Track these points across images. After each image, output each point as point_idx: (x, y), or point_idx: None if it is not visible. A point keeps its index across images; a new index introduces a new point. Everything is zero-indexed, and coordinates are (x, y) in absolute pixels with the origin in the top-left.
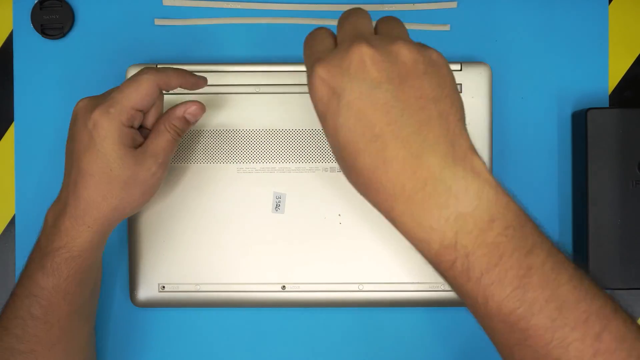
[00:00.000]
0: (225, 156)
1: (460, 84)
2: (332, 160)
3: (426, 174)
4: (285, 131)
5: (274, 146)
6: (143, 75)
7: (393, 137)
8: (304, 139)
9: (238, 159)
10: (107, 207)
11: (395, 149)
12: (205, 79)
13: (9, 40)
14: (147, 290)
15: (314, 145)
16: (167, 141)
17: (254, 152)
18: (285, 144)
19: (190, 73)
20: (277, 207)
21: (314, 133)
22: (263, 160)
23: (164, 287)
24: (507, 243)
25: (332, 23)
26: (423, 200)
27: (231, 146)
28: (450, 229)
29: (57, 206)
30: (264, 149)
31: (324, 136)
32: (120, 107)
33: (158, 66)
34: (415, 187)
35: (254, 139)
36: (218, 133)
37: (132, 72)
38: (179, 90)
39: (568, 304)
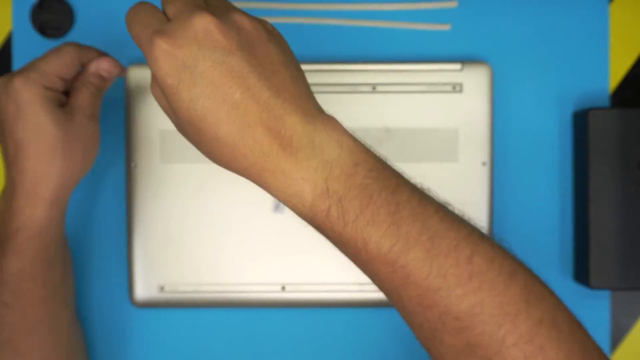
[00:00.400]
0: None
1: (461, 84)
2: None
3: (291, 131)
4: None
5: None
6: (66, 46)
7: (254, 101)
8: None
9: None
10: (53, 172)
11: (258, 112)
12: (124, 69)
13: (9, 40)
14: (146, 291)
15: None
16: (87, 96)
17: None
18: None
19: (110, 57)
20: (277, 207)
21: None
22: None
23: (163, 287)
24: (373, 184)
25: (332, 22)
26: (291, 155)
27: None
28: (320, 177)
29: (5, 190)
30: None
31: None
32: (40, 72)
33: None
34: (282, 145)
35: None
36: None
37: (132, 71)
38: None
39: (438, 233)
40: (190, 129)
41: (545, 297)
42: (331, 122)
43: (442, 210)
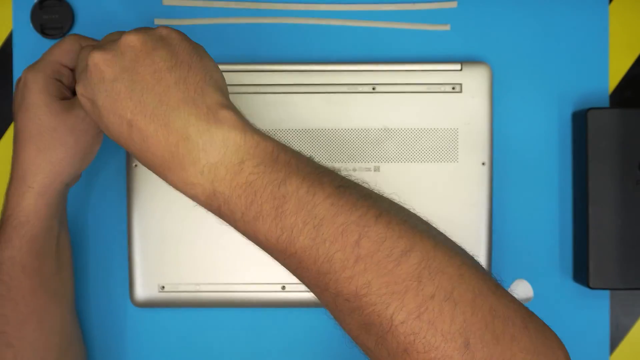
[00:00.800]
0: None
1: (460, 84)
2: (331, 161)
3: (176, 138)
4: (285, 131)
5: None
6: (66, 36)
7: (142, 116)
8: (303, 139)
9: None
10: (44, 161)
11: (146, 125)
12: None
13: (9, 40)
14: (146, 291)
15: (313, 146)
16: None
17: None
18: (285, 144)
19: None
20: None
21: (313, 133)
22: None
23: (163, 287)
24: (259, 180)
25: (332, 23)
26: (180, 161)
27: None
28: (206, 181)
29: (9, 179)
30: None
31: (324, 136)
32: (44, 61)
33: None
34: (171, 152)
35: None
36: None
37: None
38: None
39: (325, 220)
40: (128, 151)
41: (445, 269)
42: (220, 118)
43: (335, 195)
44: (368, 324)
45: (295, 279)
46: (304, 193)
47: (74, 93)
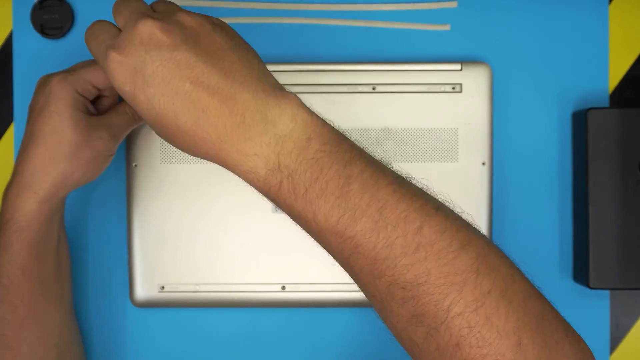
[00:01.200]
0: None
1: (460, 84)
2: None
3: (243, 109)
4: None
5: None
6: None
7: (204, 87)
8: None
9: None
10: (55, 171)
11: (208, 96)
12: None
13: (9, 40)
14: (146, 291)
15: None
16: (124, 120)
17: None
18: None
19: None
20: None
21: None
22: None
23: (163, 287)
24: (325, 157)
25: (332, 23)
26: (245, 132)
27: None
28: (272, 152)
29: (9, 180)
30: None
31: None
32: (78, 76)
33: None
34: (235, 123)
35: None
36: None
37: None
38: None
39: (388, 205)
40: (156, 127)
41: (499, 268)
42: (287, 97)
43: (396, 183)
44: (421, 314)
45: (295, 279)
46: (368, 176)
47: (95, 112)
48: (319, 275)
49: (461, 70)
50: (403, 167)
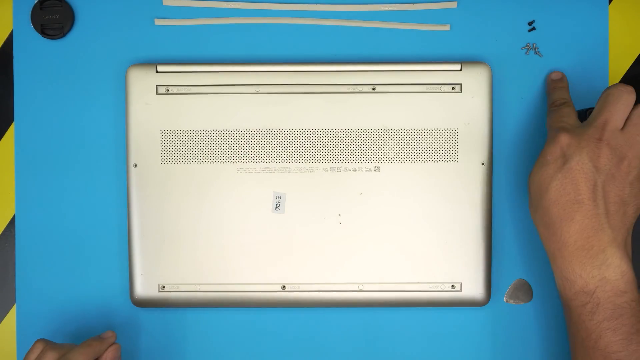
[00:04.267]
0: (225, 156)
1: (460, 84)
2: (331, 161)
3: (596, 244)
4: (285, 131)
5: (274, 146)
6: (91, 342)
7: (586, 209)
8: (303, 139)
9: (238, 159)
10: None
11: (585, 217)
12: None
13: (9, 40)
14: (146, 290)
15: (314, 146)
16: None
17: (254, 152)
18: (285, 144)
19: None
20: (277, 207)
21: (314, 133)
22: (263, 160)
23: (163, 287)
24: (629, 309)
25: (332, 23)
26: (585, 257)
27: (231, 146)
28: (593, 283)
29: None
30: (264, 149)
31: (324, 136)
32: None
33: (158, 67)
34: (583, 247)
35: (254, 139)
36: (218, 133)
37: (132, 72)
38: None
39: None
40: (535, 192)
41: None
42: (624, 257)
43: None
44: None
45: (295, 279)
46: None
47: None
48: (319, 275)
49: (461, 70)
50: (403, 167)
